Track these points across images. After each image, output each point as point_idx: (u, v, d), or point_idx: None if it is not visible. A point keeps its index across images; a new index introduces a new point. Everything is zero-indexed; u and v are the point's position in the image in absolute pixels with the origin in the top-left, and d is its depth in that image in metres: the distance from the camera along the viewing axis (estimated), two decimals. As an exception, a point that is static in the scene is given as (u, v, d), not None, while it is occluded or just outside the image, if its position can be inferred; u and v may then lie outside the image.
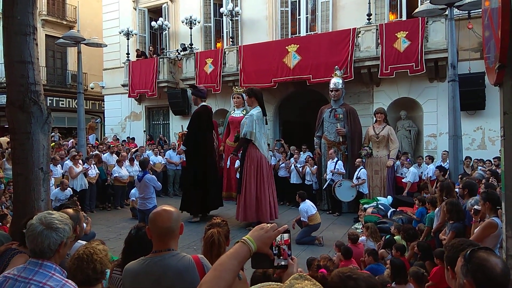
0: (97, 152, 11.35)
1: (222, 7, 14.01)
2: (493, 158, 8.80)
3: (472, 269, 1.45)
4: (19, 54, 3.40)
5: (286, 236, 1.38)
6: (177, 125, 14.54)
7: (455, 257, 1.62)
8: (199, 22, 14.39)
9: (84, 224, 6.14)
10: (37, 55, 3.54)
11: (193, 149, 8.93)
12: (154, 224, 2.00)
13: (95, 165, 10.11)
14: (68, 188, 8.66)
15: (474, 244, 1.77)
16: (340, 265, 4.72)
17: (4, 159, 9.06)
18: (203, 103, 9.18)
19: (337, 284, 1.42)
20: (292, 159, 10.73)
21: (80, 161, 9.83)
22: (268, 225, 1.40)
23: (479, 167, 8.85)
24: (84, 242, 3.18)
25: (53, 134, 12.97)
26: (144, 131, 16.04)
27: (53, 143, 13.22)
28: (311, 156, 10.72)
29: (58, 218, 1.95)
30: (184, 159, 10.16)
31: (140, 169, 7.63)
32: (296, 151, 11.21)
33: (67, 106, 20.18)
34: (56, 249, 1.91)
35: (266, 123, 8.53)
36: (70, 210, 2.61)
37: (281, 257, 1.36)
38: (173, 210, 2.05)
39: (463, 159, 8.34)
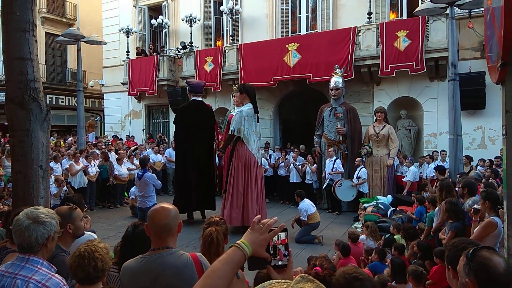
0: (96, 150, 11.31)
1: (222, 5, 13.98)
2: (495, 158, 8.80)
3: (475, 268, 1.45)
4: (18, 51, 3.38)
5: (283, 235, 1.34)
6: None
7: (456, 257, 1.61)
8: (199, 20, 14.36)
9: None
10: (36, 52, 3.52)
11: (177, 145, 8.84)
12: (151, 221, 2.00)
13: (95, 163, 10.10)
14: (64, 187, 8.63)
15: (475, 244, 1.76)
16: (339, 262, 4.72)
17: (3, 156, 9.04)
18: (194, 98, 8.67)
19: (343, 285, 1.40)
20: (291, 157, 10.72)
21: (83, 158, 9.84)
22: (267, 220, 1.32)
23: (478, 167, 8.85)
24: (90, 233, 3.18)
25: (52, 138, 12.97)
26: (143, 129, 16.01)
27: (54, 141, 13.23)
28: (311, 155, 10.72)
29: (45, 212, 1.97)
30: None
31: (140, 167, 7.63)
32: (296, 150, 11.20)
33: (66, 104, 20.17)
34: (44, 243, 1.93)
35: (258, 121, 8.05)
36: (63, 208, 2.60)
37: (277, 257, 1.33)
38: (171, 208, 2.04)
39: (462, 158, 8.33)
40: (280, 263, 1.32)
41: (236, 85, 11.73)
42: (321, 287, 0.98)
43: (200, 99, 8.82)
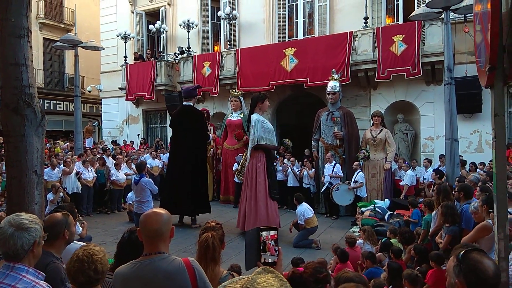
0: (91, 156, 11.27)
1: (219, 10, 14.05)
2: (489, 161, 8.81)
3: (465, 270, 1.48)
4: (13, 57, 3.38)
5: (272, 232, 1.37)
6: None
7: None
8: (196, 26, 14.42)
9: (80, 228, 6.15)
10: (31, 57, 3.52)
11: (170, 150, 9.17)
12: (143, 226, 2.00)
13: (92, 169, 10.08)
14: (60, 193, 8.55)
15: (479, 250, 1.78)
16: (336, 268, 4.71)
17: (3, 162, 9.00)
18: (185, 103, 8.73)
19: None
20: (288, 162, 10.71)
21: (80, 163, 9.83)
22: None
23: (478, 170, 8.86)
24: (81, 243, 3.17)
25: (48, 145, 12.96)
26: (138, 134, 16.00)
27: (52, 145, 13.20)
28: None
29: (27, 218, 1.95)
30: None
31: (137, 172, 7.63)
32: (288, 154, 11.16)
33: (64, 109, 20.16)
34: (30, 249, 1.92)
35: (248, 121, 7.94)
36: (58, 214, 2.59)
37: (268, 253, 1.36)
38: (164, 213, 2.04)
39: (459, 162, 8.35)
40: (270, 260, 1.34)
41: (234, 90, 11.79)
42: (280, 277, 0.98)
43: (190, 103, 8.70)
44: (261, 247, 1.39)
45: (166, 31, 15.25)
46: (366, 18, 11.14)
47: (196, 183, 8.41)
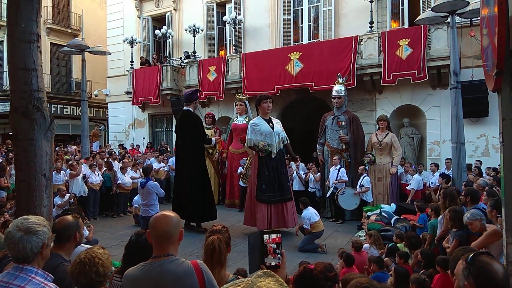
0: (99, 159, 11.35)
1: (225, 15, 14.14)
2: (499, 165, 8.74)
3: (475, 272, 1.48)
4: (23, 62, 3.44)
5: (273, 235, 1.38)
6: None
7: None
8: (202, 30, 14.51)
9: (87, 231, 6.18)
10: (40, 62, 3.58)
11: (176, 156, 9.22)
12: (153, 228, 2.02)
13: (99, 172, 10.14)
14: (67, 194, 8.54)
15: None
16: (342, 272, 4.69)
17: (12, 166, 9.08)
18: (185, 108, 8.58)
19: None
20: (294, 166, 10.69)
21: (87, 166, 9.89)
22: None
23: (484, 175, 8.79)
24: (87, 246, 3.19)
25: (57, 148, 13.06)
26: (144, 138, 16.07)
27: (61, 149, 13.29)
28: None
29: (35, 221, 1.98)
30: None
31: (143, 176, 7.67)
32: (297, 156, 11.11)
33: (71, 113, 20.33)
34: (39, 251, 1.94)
35: None
36: (69, 217, 2.61)
37: (269, 256, 1.36)
38: (173, 215, 2.06)
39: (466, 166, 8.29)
40: (273, 263, 1.35)
41: (239, 94, 11.84)
42: (281, 281, 0.98)
43: (189, 108, 8.51)
44: (264, 250, 1.40)
45: (172, 36, 15.35)
46: (371, 23, 11.14)
47: (197, 190, 8.23)
